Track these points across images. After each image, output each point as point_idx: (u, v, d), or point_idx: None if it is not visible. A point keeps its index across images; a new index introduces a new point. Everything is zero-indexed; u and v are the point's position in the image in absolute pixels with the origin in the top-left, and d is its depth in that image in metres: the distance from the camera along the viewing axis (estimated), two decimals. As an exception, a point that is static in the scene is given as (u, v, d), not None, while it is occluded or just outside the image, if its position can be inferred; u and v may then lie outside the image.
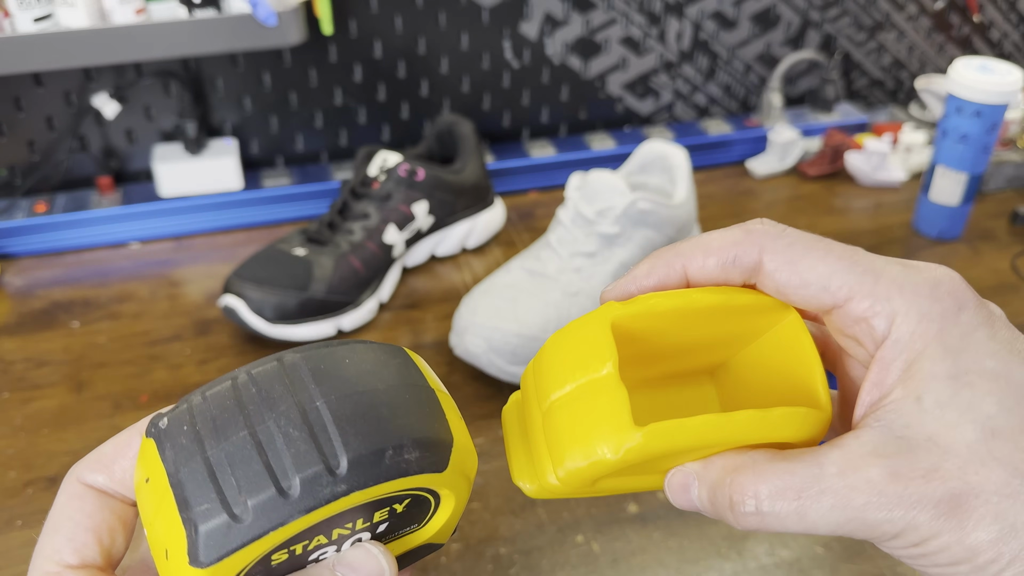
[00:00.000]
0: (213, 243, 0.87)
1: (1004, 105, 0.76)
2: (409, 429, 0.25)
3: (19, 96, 0.85)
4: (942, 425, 0.24)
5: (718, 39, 1.00)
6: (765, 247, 0.27)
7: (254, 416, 0.24)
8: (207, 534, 0.23)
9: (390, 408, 0.25)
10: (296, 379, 0.24)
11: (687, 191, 0.75)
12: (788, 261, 0.27)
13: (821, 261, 0.26)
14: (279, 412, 0.24)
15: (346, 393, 0.24)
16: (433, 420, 0.26)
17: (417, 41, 0.92)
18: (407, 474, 0.24)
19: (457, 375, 0.68)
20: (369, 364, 0.26)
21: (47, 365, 0.70)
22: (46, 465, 0.60)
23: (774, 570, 0.51)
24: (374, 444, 0.24)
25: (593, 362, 0.27)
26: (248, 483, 0.23)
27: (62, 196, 0.88)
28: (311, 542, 0.25)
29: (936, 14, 1.06)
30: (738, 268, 0.28)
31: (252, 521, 0.23)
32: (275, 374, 0.25)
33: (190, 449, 0.24)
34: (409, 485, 0.25)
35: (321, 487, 0.23)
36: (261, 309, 0.68)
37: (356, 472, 0.23)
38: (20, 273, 0.82)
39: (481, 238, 0.85)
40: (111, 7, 0.75)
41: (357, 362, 0.25)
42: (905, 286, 0.25)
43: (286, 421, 0.23)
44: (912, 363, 0.25)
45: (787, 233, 0.27)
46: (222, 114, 0.91)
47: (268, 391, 0.24)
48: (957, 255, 0.82)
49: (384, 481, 0.24)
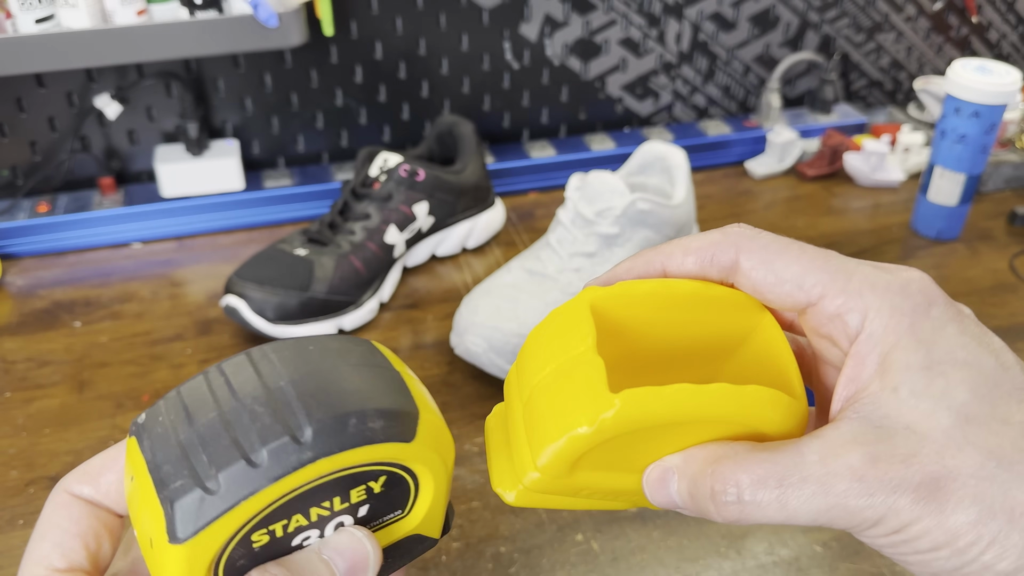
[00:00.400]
0: (215, 243, 0.87)
1: (1002, 106, 0.77)
2: (372, 400, 0.25)
3: (21, 97, 0.85)
4: (918, 413, 0.25)
5: (717, 40, 1.01)
6: (742, 247, 0.28)
7: (222, 400, 0.25)
8: (182, 509, 0.23)
9: (353, 383, 0.25)
10: (263, 365, 0.26)
11: (686, 192, 0.76)
12: (763, 260, 0.28)
13: (795, 260, 0.27)
14: (245, 393, 0.25)
15: (310, 372, 0.25)
16: (397, 394, 0.26)
17: (418, 42, 0.92)
18: (372, 441, 0.25)
19: (458, 374, 0.68)
20: (333, 349, 0.27)
21: (49, 365, 0.70)
22: (48, 464, 0.60)
23: (772, 568, 0.51)
24: (337, 412, 0.24)
25: (572, 341, 0.27)
26: (218, 458, 0.24)
27: (64, 196, 0.88)
28: (290, 522, 0.26)
29: (935, 15, 1.06)
30: (716, 267, 0.29)
31: (224, 492, 0.23)
32: (243, 363, 0.26)
33: (165, 436, 0.25)
34: (377, 456, 0.26)
35: (288, 455, 0.24)
36: (262, 309, 0.69)
37: (321, 440, 0.24)
38: (22, 273, 0.82)
39: (481, 238, 0.86)
40: (113, 8, 0.75)
41: (321, 348, 0.26)
42: (877, 284, 0.26)
43: (252, 400, 0.24)
44: (886, 356, 0.25)
45: (763, 235, 0.28)
46: (223, 115, 0.91)
47: (236, 378, 0.25)
48: (955, 255, 0.83)
49: (349, 448, 0.24)
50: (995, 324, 0.72)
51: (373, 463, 0.26)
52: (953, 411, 0.25)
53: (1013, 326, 0.72)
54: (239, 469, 0.23)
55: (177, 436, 0.24)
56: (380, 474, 0.26)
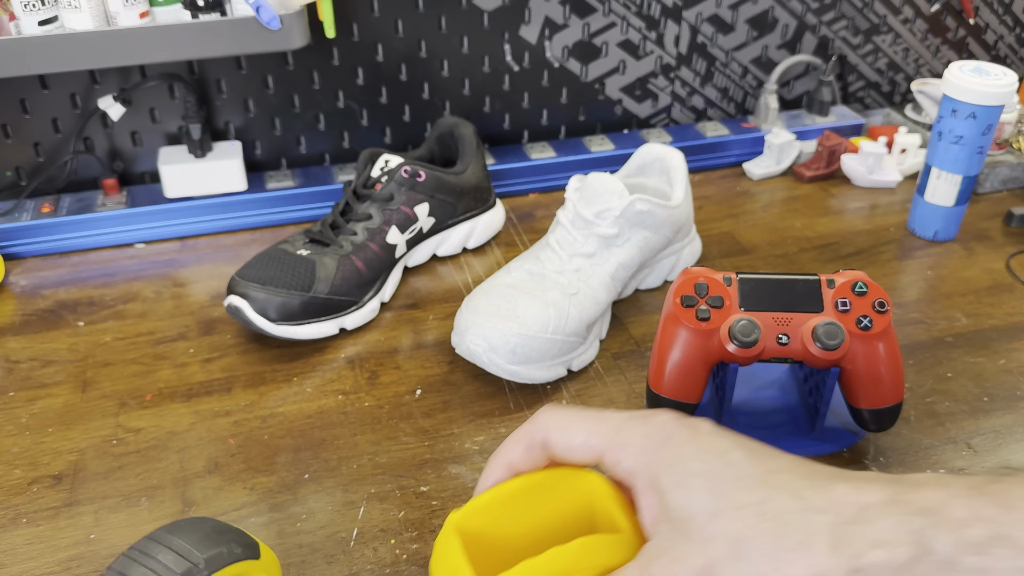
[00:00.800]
0: (217, 244, 0.87)
1: (999, 107, 0.77)
2: (231, 536, 0.43)
3: (25, 98, 0.86)
4: (683, 522, 0.32)
5: (715, 42, 1.01)
6: (548, 426, 0.37)
7: (142, 558, 0.41)
8: None
9: (216, 531, 0.43)
10: (161, 537, 0.42)
11: (684, 193, 0.76)
12: (562, 434, 0.37)
13: (582, 428, 0.36)
14: (158, 551, 0.41)
15: (189, 530, 0.42)
16: (245, 537, 0.44)
17: (419, 45, 0.93)
18: (239, 559, 0.42)
19: (458, 373, 0.68)
20: (197, 520, 0.44)
21: (52, 364, 0.71)
22: (51, 463, 0.61)
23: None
24: (216, 546, 0.42)
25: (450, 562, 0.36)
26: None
27: (67, 197, 0.89)
28: None
29: (932, 17, 1.07)
30: (538, 448, 0.37)
31: None
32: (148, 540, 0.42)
33: None
34: (242, 571, 0.43)
35: (195, 574, 0.40)
36: (265, 309, 0.69)
37: (211, 563, 0.41)
38: (26, 273, 0.83)
39: (482, 239, 0.86)
40: (116, 10, 0.76)
41: (190, 521, 0.43)
42: (634, 433, 0.35)
43: (163, 552, 0.41)
44: (652, 483, 0.34)
45: (562, 411, 0.37)
46: (226, 116, 0.92)
47: (147, 546, 0.41)
48: (952, 256, 0.83)
49: (227, 565, 0.42)
50: (992, 324, 0.73)
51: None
52: (704, 513, 0.32)
53: (1010, 326, 0.73)
54: None
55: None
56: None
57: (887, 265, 0.82)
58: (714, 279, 0.57)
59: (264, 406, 0.66)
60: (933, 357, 0.69)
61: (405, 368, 0.69)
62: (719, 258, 0.83)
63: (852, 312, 0.55)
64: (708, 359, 0.56)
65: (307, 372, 0.69)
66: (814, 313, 0.56)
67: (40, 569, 0.52)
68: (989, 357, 0.69)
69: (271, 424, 0.64)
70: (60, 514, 0.56)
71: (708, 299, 0.56)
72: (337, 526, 0.55)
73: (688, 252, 0.80)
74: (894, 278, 0.80)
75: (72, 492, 0.58)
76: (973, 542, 0.28)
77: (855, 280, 0.56)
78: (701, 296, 0.57)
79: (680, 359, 0.57)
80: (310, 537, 0.54)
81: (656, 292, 0.79)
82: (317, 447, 0.62)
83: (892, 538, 0.28)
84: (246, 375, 0.69)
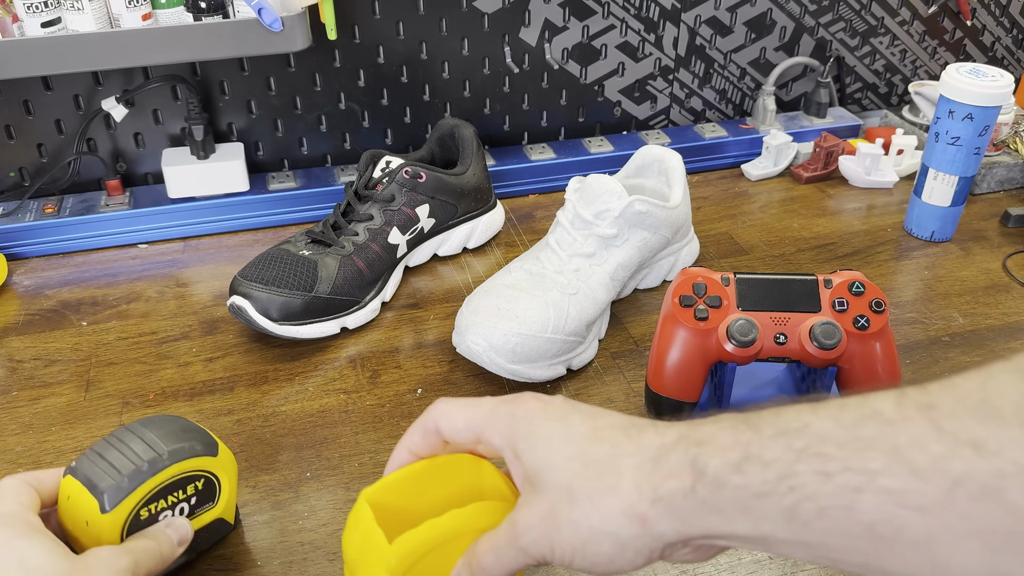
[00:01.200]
0: (220, 244, 0.88)
1: (996, 108, 0.78)
2: (195, 437, 0.50)
3: (28, 100, 0.86)
4: (534, 478, 0.38)
5: (714, 45, 1.02)
6: (438, 416, 0.42)
7: (118, 444, 0.48)
8: (107, 494, 0.46)
9: (184, 429, 0.50)
10: (135, 428, 0.49)
11: (683, 194, 0.77)
12: (449, 420, 0.42)
13: (463, 413, 0.41)
14: (131, 439, 0.48)
15: (160, 425, 0.50)
16: (207, 436, 0.51)
17: (420, 47, 0.93)
18: (198, 455, 0.49)
19: (459, 372, 0.69)
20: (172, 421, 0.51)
21: (56, 364, 0.71)
22: (54, 462, 0.61)
23: (768, 564, 0.52)
24: (180, 441, 0.49)
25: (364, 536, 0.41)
26: (124, 466, 0.47)
27: (71, 198, 0.89)
28: (157, 504, 0.48)
29: (929, 19, 1.08)
30: (432, 434, 0.43)
31: (127, 484, 0.46)
32: (123, 431, 0.49)
33: (91, 465, 0.47)
34: (200, 466, 0.49)
35: (159, 462, 0.47)
36: (267, 309, 0.70)
37: (174, 455, 0.48)
38: (29, 273, 0.84)
39: (482, 239, 0.87)
40: (119, 12, 0.76)
41: (162, 418, 0.51)
42: (500, 414, 0.40)
43: (135, 441, 0.48)
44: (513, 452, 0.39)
45: (451, 402, 0.42)
46: (229, 118, 0.92)
47: (123, 434, 0.49)
48: (949, 256, 0.84)
49: (188, 458, 0.48)
50: (989, 324, 0.74)
51: (198, 470, 0.49)
52: (546, 468, 0.37)
53: (1007, 325, 0.73)
54: (135, 470, 0.47)
55: (98, 463, 0.47)
56: (201, 477, 0.50)
57: (884, 265, 0.83)
58: (712, 279, 0.58)
59: (266, 405, 0.66)
60: (930, 357, 0.70)
61: (406, 367, 0.70)
62: (717, 258, 0.84)
63: (849, 312, 0.56)
64: (706, 358, 0.57)
65: (309, 371, 0.70)
66: (811, 313, 0.56)
67: (45, 566, 0.53)
68: (986, 357, 0.70)
69: (273, 423, 0.64)
70: (65, 512, 0.57)
71: (706, 299, 0.57)
72: (339, 524, 0.56)
73: (686, 252, 0.80)
74: (891, 278, 0.81)
75: (76, 490, 0.59)
76: (733, 462, 0.32)
77: (852, 280, 0.57)
78: (699, 296, 0.57)
79: (678, 358, 0.57)
80: (312, 535, 0.55)
81: (655, 292, 0.79)
82: (319, 446, 0.62)
83: (679, 469, 0.33)
84: (248, 374, 0.69)
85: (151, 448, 0.47)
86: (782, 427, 0.32)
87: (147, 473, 0.47)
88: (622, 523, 0.34)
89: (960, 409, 0.29)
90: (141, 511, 0.47)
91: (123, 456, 0.47)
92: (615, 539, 0.34)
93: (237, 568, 0.53)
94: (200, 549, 0.53)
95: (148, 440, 0.48)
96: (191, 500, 0.50)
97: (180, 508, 0.49)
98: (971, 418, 0.28)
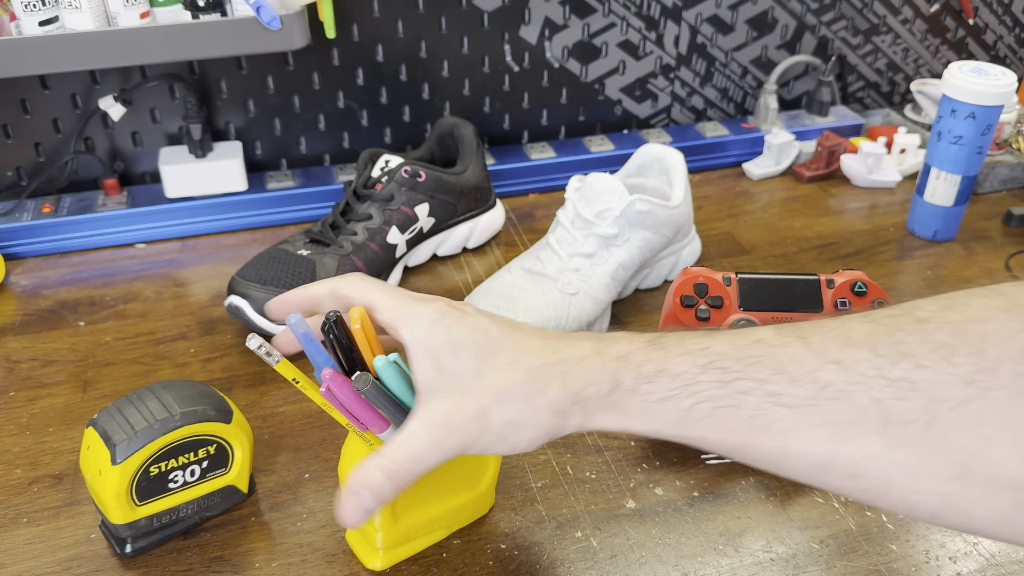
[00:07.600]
0: (218, 244, 0.88)
1: (998, 107, 0.77)
2: (210, 402, 0.52)
3: (25, 98, 0.86)
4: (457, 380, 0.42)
5: (715, 43, 1.01)
6: (354, 291, 0.46)
7: (136, 402, 0.51)
8: (119, 447, 0.49)
9: (200, 394, 0.52)
10: (155, 389, 0.52)
11: (684, 193, 0.76)
12: (366, 300, 0.45)
13: (383, 299, 0.45)
14: (149, 399, 0.51)
15: (179, 388, 0.52)
16: (222, 402, 0.53)
17: (419, 45, 0.93)
18: (210, 420, 0.51)
19: (458, 374, 0.69)
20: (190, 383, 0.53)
21: (53, 364, 0.71)
22: (52, 463, 0.61)
23: (770, 565, 0.52)
24: (194, 405, 0.51)
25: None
26: (137, 423, 0.49)
27: (68, 197, 0.89)
28: (168, 463, 0.51)
29: (931, 17, 1.07)
30: (340, 299, 0.46)
31: (139, 439, 0.49)
32: (145, 390, 0.52)
33: (109, 417, 0.50)
34: (212, 430, 0.51)
35: (170, 422, 0.50)
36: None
37: (185, 417, 0.50)
38: (26, 273, 0.83)
39: (482, 239, 0.86)
40: (116, 11, 0.76)
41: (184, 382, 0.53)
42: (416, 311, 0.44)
43: (153, 400, 0.51)
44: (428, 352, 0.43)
45: (365, 279, 0.46)
46: (227, 117, 0.92)
47: (142, 394, 0.52)
48: (951, 255, 0.83)
49: (199, 422, 0.51)
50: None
51: (209, 434, 0.52)
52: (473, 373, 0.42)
53: (1008, 326, 0.73)
54: (146, 428, 0.49)
55: (115, 417, 0.50)
56: (213, 442, 0.52)
57: (886, 265, 0.82)
58: (714, 279, 0.57)
59: (265, 406, 0.66)
60: (932, 357, 0.69)
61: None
62: (719, 258, 0.84)
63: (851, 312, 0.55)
64: (708, 359, 0.56)
65: (308, 372, 0.69)
66: (813, 312, 0.56)
67: (40, 569, 0.53)
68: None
69: (272, 424, 0.64)
70: (61, 514, 0.56)
71: (708, 299, 0.57)
72: (337, 525, 0.55)
73: (688, 252, 0.80)
74: (893, 278, 0.80)
75: (73, 492, 0.58)
76: (646, 375, 0.40)
77: (854, 280, 0.57)
78: (701, 296, 0.57)
79: (680, 359, 0.57)
80: (310, 536, 0.55)
81: (656, 292, 0.79)
82: (317, 447, 0.62)
83: (599, 378, 0.41)
84: (246, 375, 0.69)
85: (165, 408, 0.50)
86: (687, 349, 0.40)
87: (157, 432, 0.49)
88: (546, 416, 0.41)
89: (826, 339, 0.37)
90: (151, 467, 0.50)
91: (139, 413, 0.50)
92: (534, 428, 0.42)
93: (236, 569, 0.52)
94: (211, 514, 0.55)
95: (164, 401, 0.50)
96: (202, 463, 0.52)
97: (191, 470, 0.52)
98: (834, 344, 0.37)
